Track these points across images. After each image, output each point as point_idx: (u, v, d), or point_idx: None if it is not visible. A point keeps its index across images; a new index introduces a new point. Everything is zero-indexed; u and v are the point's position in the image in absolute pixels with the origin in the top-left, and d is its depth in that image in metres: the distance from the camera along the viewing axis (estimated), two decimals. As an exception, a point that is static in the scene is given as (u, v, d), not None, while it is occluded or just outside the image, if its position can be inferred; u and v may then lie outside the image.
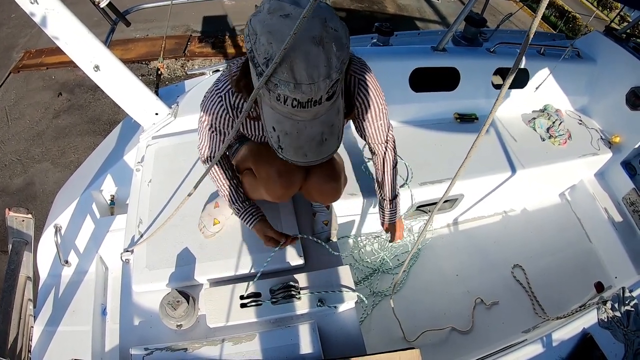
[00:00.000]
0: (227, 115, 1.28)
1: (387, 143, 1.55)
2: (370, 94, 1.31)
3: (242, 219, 1.56)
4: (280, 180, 1.40)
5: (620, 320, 1.80)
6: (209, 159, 1.48)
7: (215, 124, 1.32)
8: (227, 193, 1.52)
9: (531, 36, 0.73)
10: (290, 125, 1.01)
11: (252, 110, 1.28)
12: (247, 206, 1.54)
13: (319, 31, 0.90)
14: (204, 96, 1.32)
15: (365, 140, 1.54)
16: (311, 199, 1.69)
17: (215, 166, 1.47)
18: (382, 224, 1.83)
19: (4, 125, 4.58)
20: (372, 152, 1.63)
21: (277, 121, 1.01)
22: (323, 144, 1.05)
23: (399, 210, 1.78)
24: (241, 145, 1.57)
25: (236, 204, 1.53)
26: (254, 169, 1.46)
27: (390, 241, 1.88)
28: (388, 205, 1.74)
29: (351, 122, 1.49)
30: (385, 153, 1.58)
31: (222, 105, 1.26)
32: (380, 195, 1.74)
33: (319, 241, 1.70)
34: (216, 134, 1.37)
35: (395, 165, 1.64)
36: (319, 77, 0.90)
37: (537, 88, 2.72)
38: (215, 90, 1.26)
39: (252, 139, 1.46)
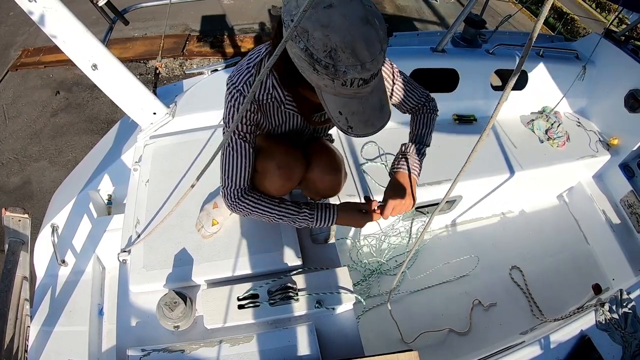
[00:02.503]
0: (252, 109, 1.26)
1: (422, 104, 1.49)
2: None
3: (322, 221, 1.40)
4: (280, 172, 1.39)
5: (617, 323, 1.80)
6: (244, 190, 1.35)
7: (241, 124, 1.26)
8: (286, 213, 1.38)
9: (533, 40, 0.72)
10: (356, 104, 1.05)
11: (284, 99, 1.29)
12: (313, 206, 1.40)
13: (362, 11, 0.95)
14: (227, 105, 1.25)
15: (402, 111, 1.53)
16: (311, 193, 1.66)
17: (257, 199, 1.37)
18: (386, 190, 1.45)
19: (1, 123, 4.56)
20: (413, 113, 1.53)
21: (343, 105, 1.05)
22: (383, 108, 1.11)
23: (413, 159, 1.43)
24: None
25: (302, 213, 1.38)
26: (255, 163, 1.45)
27: (379, 206, 1.42)
28: (403, 148, 1.47)
29: None
30: (420, 109, 1.50)
31: (245, 97, 1.22)
32: (412, 138, 1.50)
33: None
34: (243, 143, 1.28)
35: (429, 114, 1.48)
36: (377, 51, 0.96)
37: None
38: (232, 85, 1.22)
39: (276, 129, 1.42)
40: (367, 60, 0.95)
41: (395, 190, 1.41)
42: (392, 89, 1.41)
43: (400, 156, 1.45)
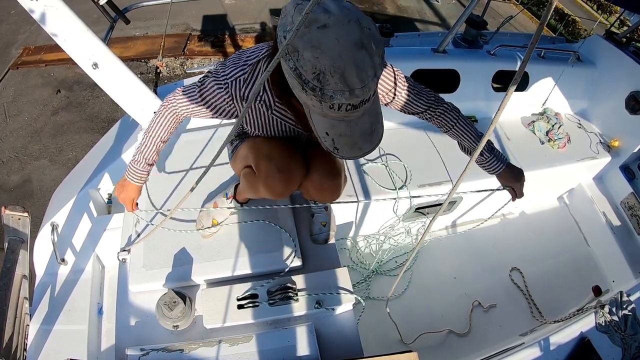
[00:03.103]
0: (229, 103, 1.26)
1: (435, 107, 1.42)
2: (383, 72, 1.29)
3: (129, 174, 1.49)
4: (280, 176, 1.38)
5: (617, 325, 1.79)
6: (176, 115, 1.40)
7: (210, 101, 1.28)
8: (148, 145, 1.44)
9: (535, 45, 0.72)
10: (343, 127, 1.03)
11: (270, 103, 1.29)
12: (144, 170, 1.49)
13: (358, 35, 0.92)
14: (207, 75, 1.27)
15: (415, 115, 1.46)
16: (310, 197, 1.67)
17: (161, 119, 1.41)
18: (500, 182, 1.64)
19: (2, 121, 4.56)
20: (434, 122, 1.50)
21: (330, 126, 1.03)
22: (373, 133, 1.09)
23: (496, 154, 1.53)
24: (241, 144, 1.56)
25: (140, 160, 1.46)
26: (254, 165, 1.44)
27: (514, 198, 1.67)
28: (486, 154, 1.52)
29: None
30: (440, 116, 1.45)
31: (229, 92, 1.23)
32: (469, 152, 1.54)
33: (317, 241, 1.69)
34: (203, 107, 1.31)
35: (458, 119, 1.46)
36: (368, 78, 0.93)
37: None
38: (223, 75, 1.23)
39: (258, 130, 1.43)
40: (356, 87, 0.92)
41: (515, 181, 1.63)
42: (395, 94, 1.36)
43: (494, 158, 1.53)
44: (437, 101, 1.42)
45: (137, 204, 1.61)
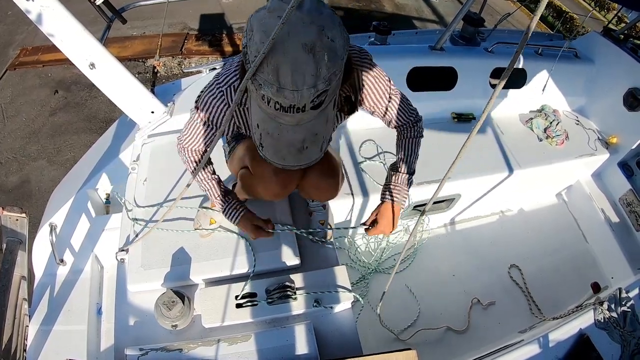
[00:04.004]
0: (228, 110, 1.25)
1: (410, 124, 1.43)
2: (373, 80, 1.26)
3: (226, 214, 1.48)
4: (277, 178, 1.38)
5: (616, 321, 1.80)
6: (195, 152, 1.41)
7: (213, 118, 1.27)
8: (211, 186, 1.45)
9: (528, 36, 0.72)
10: (272, 127, 1.00)
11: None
12: (231, 200, 1.48)
13: (312, 38, 0.87)
14: (202, 91, 1.27)
15: (390, 126, 1.46)
16: (308, 197, 1.67)
17: (187, 160, 1.42)
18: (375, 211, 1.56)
19: (0, 122, 4.55)
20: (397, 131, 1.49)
21: (262, 119, 1.01)
22: (303, 151, 1.04)
23: (400, 188, 1.48)
24: (237, 144, 1.56)
25: (219, 198, 1.47)
26: (251, 167, 1.44)
27: (365, 228, 1.55)
28: (389, 177, 1.51)
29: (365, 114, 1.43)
30: (406, 130, 1.44)
31: (224, 99, 1.22)
32: (393, 165, 1.53)
33: (315, 239, 1.69)
34: (211, 129, 1.31)
35: (414, 139, 1.45)
36: (304, 85, 0.88)
37: (543, 90, 2.73)
38: (216, 84, 1.22)
39: (250, 134, 1.43)
40: (287, 87, 0.87)
41: (381, 217, 1.51)
42: (386, 108, 1.34)
43: (391, 186, 1.49)
44: (413, 121, 1.42)
45: (271, 223, 1.53)
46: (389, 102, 1.33)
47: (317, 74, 0.88)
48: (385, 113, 1.36)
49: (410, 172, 1.49)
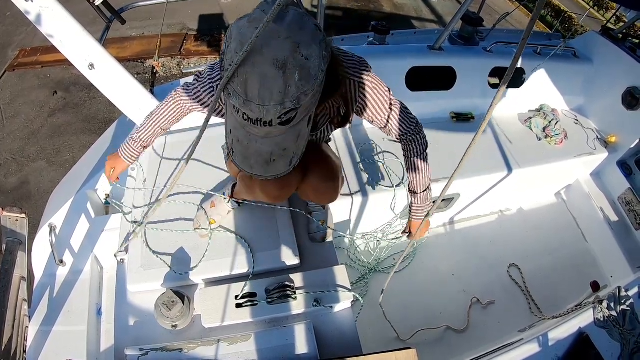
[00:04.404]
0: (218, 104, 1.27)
1: (411, 134, 1.41)
2: (371, 92, 1.25)
3: (122, 149, 1.58)
4: (276, 181, 1.38)
5: (616, 320, 1.80)
6: (180, 108, 1.45)
7: (204, 101, 1.33)
8: (148, 128, 1.50)
9: (527, 39, 0.72)
10: (242, 135, 0.99)
11: None
12: (138, 150, 1.57)
13: (285, 55, 0.84)
14: (195, 79, 1.30)
15: (391, 136, 1.45)
16: (307, 199, 1.67)
17: (166, 107, 1.46)
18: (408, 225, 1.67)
19: (-1, 123, 4.56)
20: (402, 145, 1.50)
21: (233, 126, 1.01)
22: (270, 164, 1.03)
23: (423, 206, 1.55)
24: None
25: (137, 140, 1.53)
26: None
27: (408, 236, 1.68)
28: (410, 198, 1.57)
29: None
30: (410, 143, 1.43)
31: (212, 93, 1.28)
32: (407, 187, 1.58)
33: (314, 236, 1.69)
34: (199, 103, 1.35)
35: (421, 154, 1.45)
36: (270, 101, 0.86)
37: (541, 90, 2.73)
38: (209, 79, 1.25)
39: None
40: (253, 101, 0.86)
41: (412, 229, 1.64)
42: (387, 119, 1.33)
43: (412, 208, 1.58)
44: (414, 131, 1.40)
45: (118, 178, 1.68)
46: (389, 113, 1.32)
47: (285, 92, 0.85)
48: (386, 124, 1.35)
49: (426, 189, 1.52)
